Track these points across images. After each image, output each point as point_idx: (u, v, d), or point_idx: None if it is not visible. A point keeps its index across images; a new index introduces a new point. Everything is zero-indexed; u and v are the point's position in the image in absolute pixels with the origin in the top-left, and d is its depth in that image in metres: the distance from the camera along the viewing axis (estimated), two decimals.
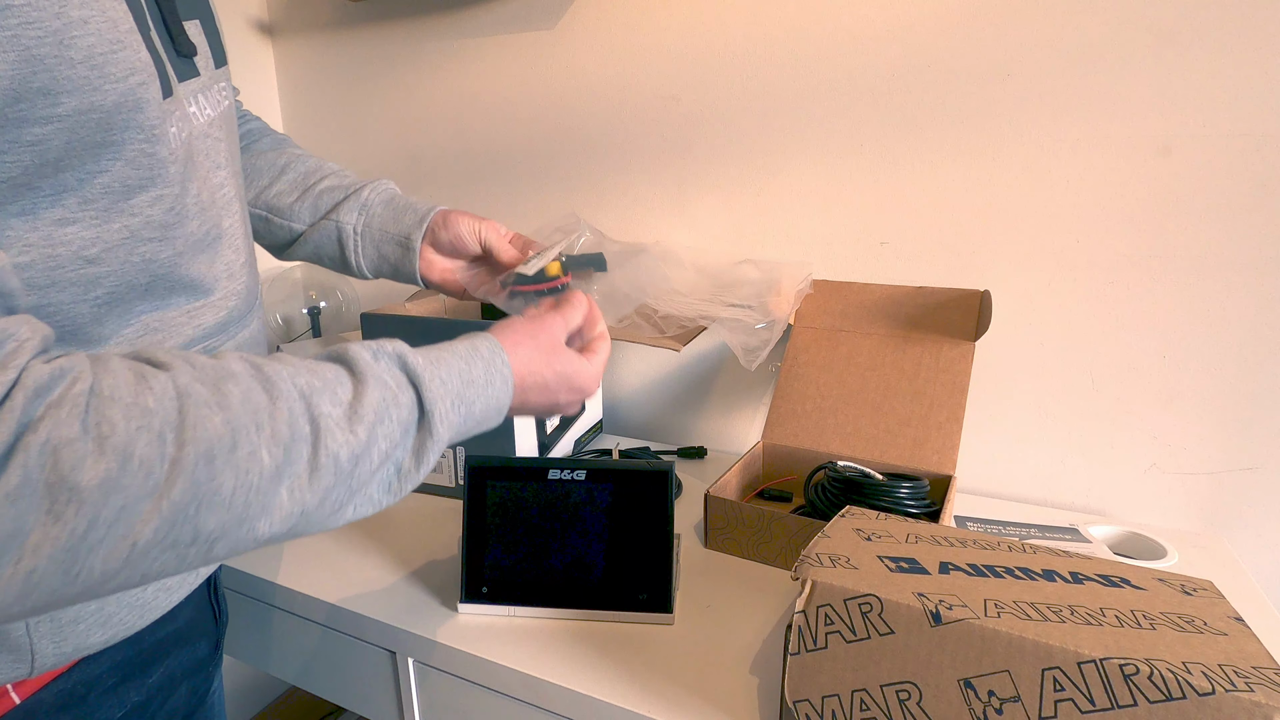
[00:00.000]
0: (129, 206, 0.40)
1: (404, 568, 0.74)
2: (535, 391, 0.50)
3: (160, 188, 0.42)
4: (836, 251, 0.96)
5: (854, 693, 0.45)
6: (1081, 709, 0.38)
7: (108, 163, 0.38)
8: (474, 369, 0.46)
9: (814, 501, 0.76)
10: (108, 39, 0.35)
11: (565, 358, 0.52)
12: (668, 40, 0.99)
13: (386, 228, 0.66)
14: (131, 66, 0.37)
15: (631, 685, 0.56)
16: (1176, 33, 0.75)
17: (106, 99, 0.36)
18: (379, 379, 0.40)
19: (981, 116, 0.84)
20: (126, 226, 0.40)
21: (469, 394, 0.45)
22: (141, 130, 0.39)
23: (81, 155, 0.37)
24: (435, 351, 0.45)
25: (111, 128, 0.37)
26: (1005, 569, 0.48)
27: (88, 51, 0.34)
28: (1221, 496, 0.82)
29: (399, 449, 0.41)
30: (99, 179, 0.38)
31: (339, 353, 0.41)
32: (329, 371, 0.39)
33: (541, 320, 0.53)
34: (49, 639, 0.43)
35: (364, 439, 0.38)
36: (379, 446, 0.39)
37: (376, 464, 0.39)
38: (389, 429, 0.39)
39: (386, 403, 0.40)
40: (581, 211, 1.11)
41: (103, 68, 0.35)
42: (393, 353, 0.42)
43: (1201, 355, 0.80)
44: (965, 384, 0.81)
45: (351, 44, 1.24)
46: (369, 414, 0.38)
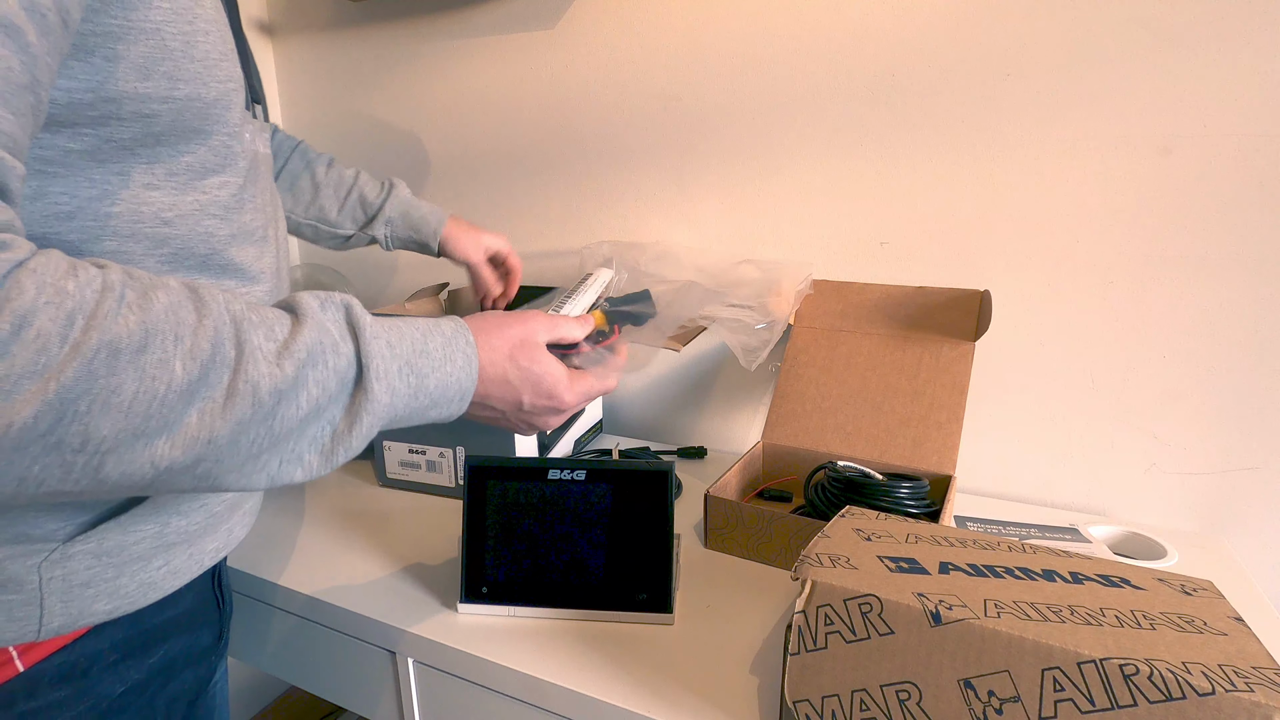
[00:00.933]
0: (202, 185, 0.46)
1: (404, 568, 0.74)
2: (496, 385, 0.48)
3: (229, 175, 0.48)
4: (836, 251, 0.96)
5: (854, 693, 0.45)
6: (1081, 709, 0.38)
7: (196, 146, 0.45)
8: (431, 341, 0.44)
9: (814, 501, 0.76)
10: (219, 50, 0.44)
11: (537, 356, 0.50)
12: (668, 40, 0.99)
13: (411, 238, 0.89)
14: (230, 75, 0.45)
15: (631, 685, 0.56)
16: (1176, 33, 0.75)
17: (210, 93, 0.44)
18: (319, 323, 0.39)
19: (981, 116, 0.84)
20: (197, 201, 0.46)
21: (421, 364, 0.43)
22: (227, 125, 0.46)
23: (179, 135, 0.44)
24: (394, 319, 0.44)
25: (207, 119, 0.44)
26: (1005, 569, 0.47)
27: (205, 53, 0.43)
28: (1221, 496, 0.82)
29: (334, 404, 0.39)
30: (185, 158, 0.45)
31: (286, 299, 0.41)
32: (271, 312, 0.39)
33: (523, 314, 0.52)
34: (59, 596, 0.44)
35: (290, 375, 0.37)
36: (308, 392, 0.38)
37: (305, 411, 0.38)
38: (322, 375, 0.38)
39: (324, 347, 0.39)
40: (581, 211, 1.12)
41: (213, 69, 0.43)
42: (340, 302, 0.42)
43: (1201, 355, 0.80)
44: (965, 384, 0.81)
45: (351, 44, 1.24)
46: (300, 352, 0.37)
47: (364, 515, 0.86)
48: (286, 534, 0.82)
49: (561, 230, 1.14)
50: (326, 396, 0.39)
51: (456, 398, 0.46)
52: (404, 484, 0.92)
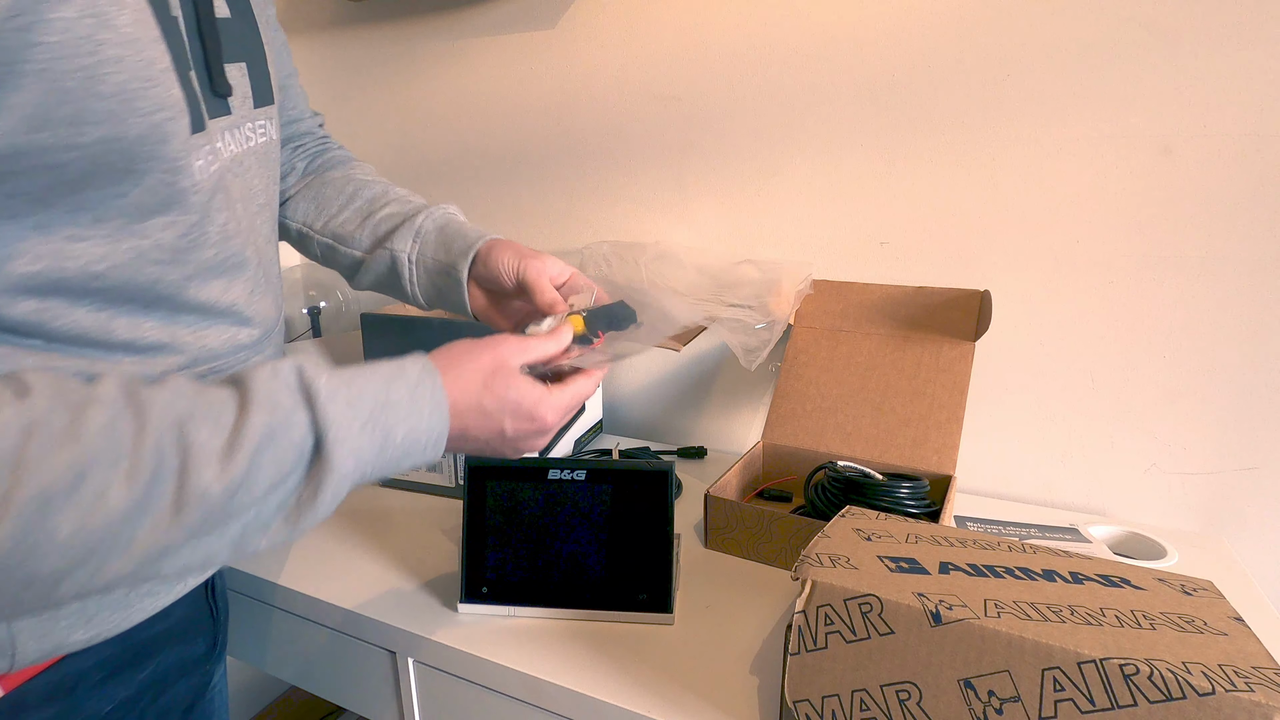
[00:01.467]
0: (141, 229, 0.42)
1: (404, 568, 0.74)
2: (473, 416, 0.46)
3: (176, 214, 0.43)
4: (836, 251, 0.96)
5: (854, 693, 0.45)
6: (1081, 709, 0.38)
7: (127, 188, 0.40)
8: (394, 391, 0.42)
9: (814, 501, 0.76)
10: (141, 75, 0.37)
11: (512, 382, 0.47)
12: (668, 40, 0.99)
13: (438, 256, 0.63)
14: (160, 103, 0.39)
15: (631, 685, 0.56)
16: (1176, 33, 0.75)
17: (131, 131, 0.38)
18: (269, 400, 0.37)
19: (981, 116, 0.84)
20: (135, 247, 0.42)
21: (386, 418, 0.41)
22: (164, 161, 0.40)
23: (102, 180, 0.39)
24: (352, 372, 0.42)
25: (134, 158, 0.39)
26: (1005, 569, 0.47)
27: (119, 87, 0.36)
28: (1221, 496, 0.82)
29: (292, 476, 0.38)
30: (116, 201, 0.40)
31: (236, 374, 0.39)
32: (218, 396, 0.37)
33: (492, 340, 0.49)
34: (30, 634, 0.43)
35: (241, 470, 0.35)
36: (264, 474, 0.36)
37: (263, 490, 0.37)
38: (277, 454, 0.37)
39: (273, 427, 0.37)
40: (581, 211, 1.12)
41: (132, 103, 0.37)
42: (292, 368, 0.39)
43: (1201, 355, 0.80)
44: (965, 384, 0.81)
45: (351, 44, 1.24)
46: (250, 441, 0.36)
47: (364, 515, 0.86)
48: None
49: (561, 230, 1.14)
50: (284, 471, 0.37)
51: (429, 444, 0.44)
52: (404, 484, 0.93)
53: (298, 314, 1.23)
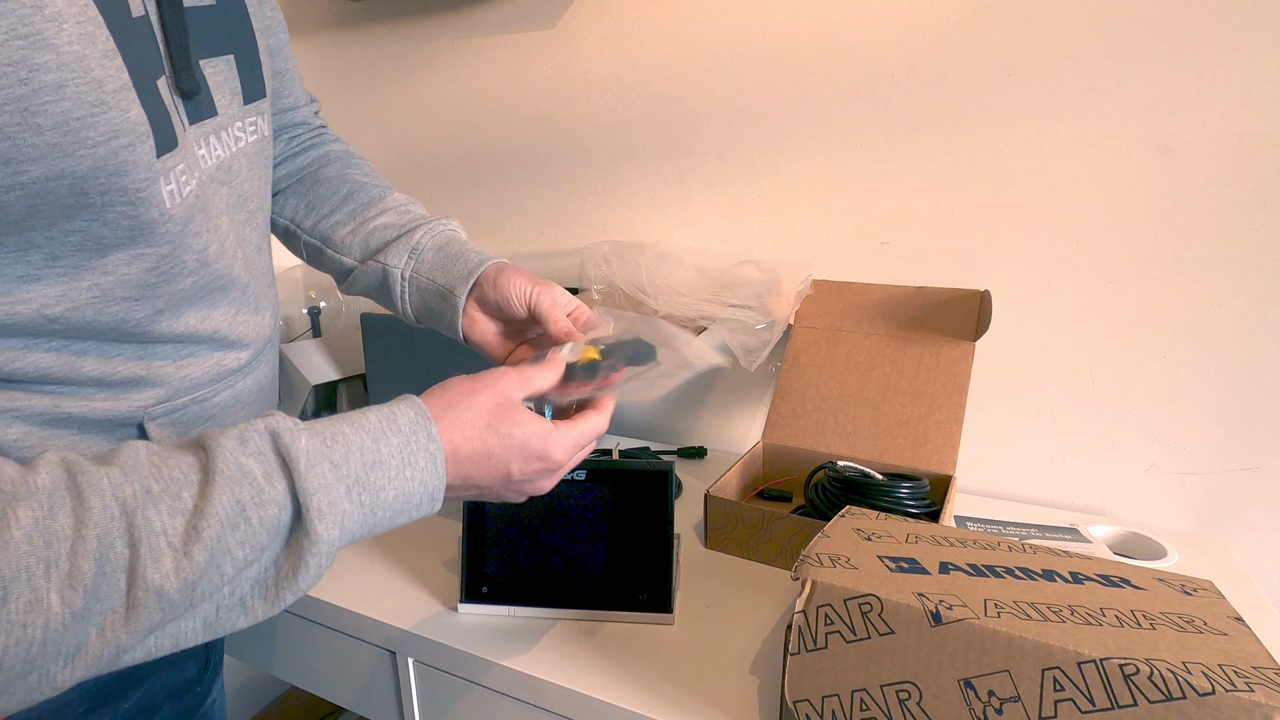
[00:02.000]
0: (102, 265, 0.38)
1: (404, 568, 0.74)
2: (476, 464, 0.42)
3: (142, 247, 0.39)
4: (836, 251, 0.96)
5: (854, 693, 0.45)
6: (1081, 709, 0.38)
7: (83, 223, 0.36)
8: (385, 447, 0.38)
9: (814, 501, 0.76)
10: (88, 102, 0.33)
11: (517, 419, 0.43)
12: (668, 40, 0.99)
13: (434, 277, 0.59)
14: (115, 129, 0.34)
15: (631, 685, 0.56)
16: (1176, 33, 0.75)
17: (80, 165, 0.34)
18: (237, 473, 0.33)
19: (981, 116, 0.84)
20: (97, 285, 0.38)
21: (375, 478, 0.37)
22: (124, 193, 0.36)
23: (51, 216, 0.35)
24: (336, 426, 0.38)
25: (87, 192, 0.35)
26: (1005, 569, 0.47)
27: (60, 118, 0.32)
28: (1221, 496, 0.82)
29: (268, 551, 0.34)
30: (71, 238, 0.36)
31: (202, 438, 0.35)
32: (179, 468, 0.33)
33: (490, 376, 0.45)
34: None
35: (204, 559, 0.31)
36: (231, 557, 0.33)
37: (234, 573, 0.33)
38: (248, 535, 0.33)
39: (243, 504, 0.33)
40: (581, 211, 1.12)
41: (78, 133, 0.33)
42: (266, 431, 0.35)
43: (1201, 355, 0.80)
44: (965, 384, 0.81)
45: (351, 44, 1.24)
46: (214, 523, 0.32)
47: None
48: None
49: (561, 230, 1.14)
50: (258, 549, 0.34)
51: (424, 501, 0.40)
52: None
53: (298, 314, 1.23)
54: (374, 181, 0.66)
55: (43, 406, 0.40)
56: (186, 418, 0.46)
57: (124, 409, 0.43)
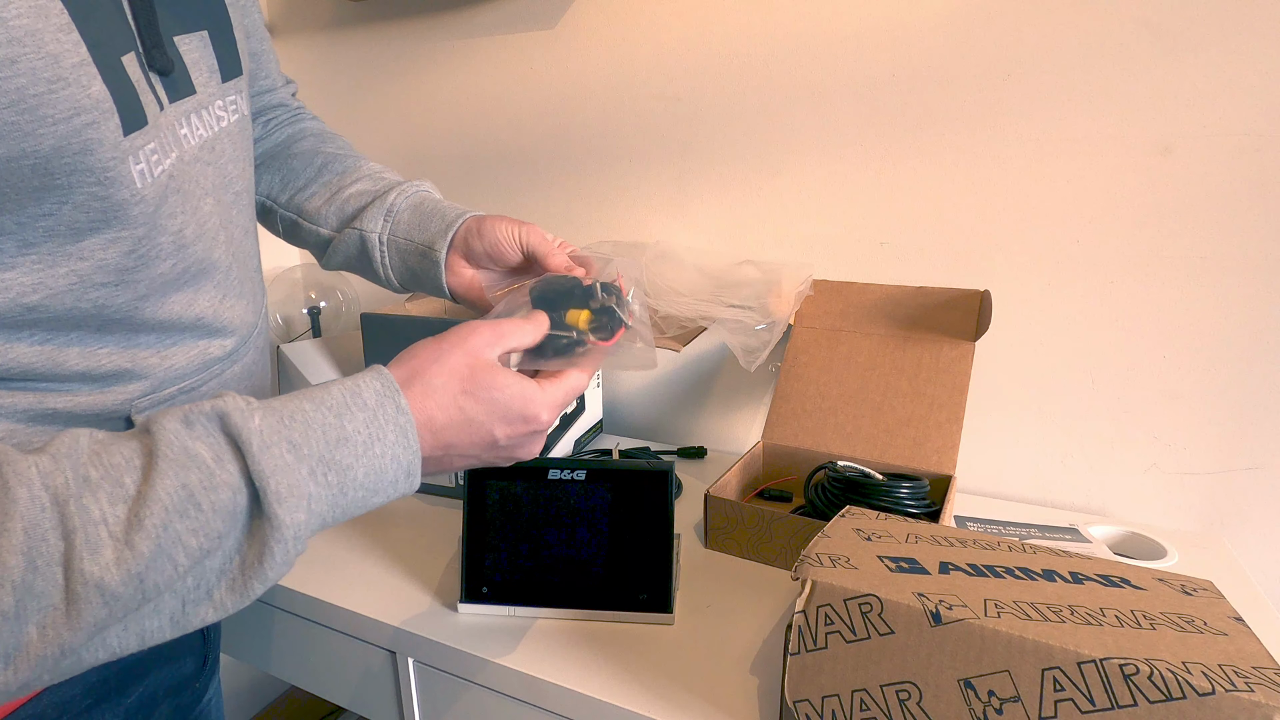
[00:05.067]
0: (78, 250, 0.37)
1: (404, 568, 0.74)
2: (455, 432, 0.40)
3: (117, 230, 0.38)
4: (836, 251, 0.96)
5: (854, 693, 0.45)
6: (1081, 709, 0.38)
7: (52, 206, 0.35)
8: (349, 422, 0.36)
9: (814, 501, 0.76)
10: (44, 78, 0.32)
11: (495, 380, 0.41)
12: (668, 40, 0.99)
13: (411, 235, 0.58)
14: (76, 106, 0.33)
15: (631, 685, 0.56)
16: (1176, 33, 0.75)
17: (42, 144, 0.33)
18: (182, 455, 0.31)
19: (981, 116, 0.84)
20: (74, 271, 0.37)
21: (342, 457, 0.35)
22: (91, 173, 0.35)
23: (18, 200, 0.34)
24: (295, 403, 0.36)
25: (52, 173, 0.34)
26: (1005, 569, 0.47)
27: (15, 95, 0.31)
28: (1221, 496, 0.82)
29: (227, 539, 0.32)
30: (42, 222, 0.35)
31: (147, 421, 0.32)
32: (120, 453, 0.31)
33: (458, 334, 0.42)
34: None
35: (148, 550, 0.29)
36: (184, 546, 0.30)
37: (190, 563, 0.31)
38: (200, 522, 0.31)
39: (190, 489, 0.31)
40: (582, 211, 1.12)
41: (35, 110, 0.32)
42: (213, 412, 0.33)
43: (1201, 355, 0.80)
44: (965, 384, 0.81)
45: (351, 44, 1.24)
46: (157, 510, 0.30)
47: (364, 515, 0.86)
48: None
49: (561, 230, 1.14)
50: (212, 538, 0.31)
51: (400, 478, 0.38)
52: None
53: (298, 314, 1.23)
54: (348, 153, 0.65)
55: (26, 403, 0.39)
56: None
57: (110, 403, 0.42)
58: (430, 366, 0.40)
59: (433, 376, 0.40)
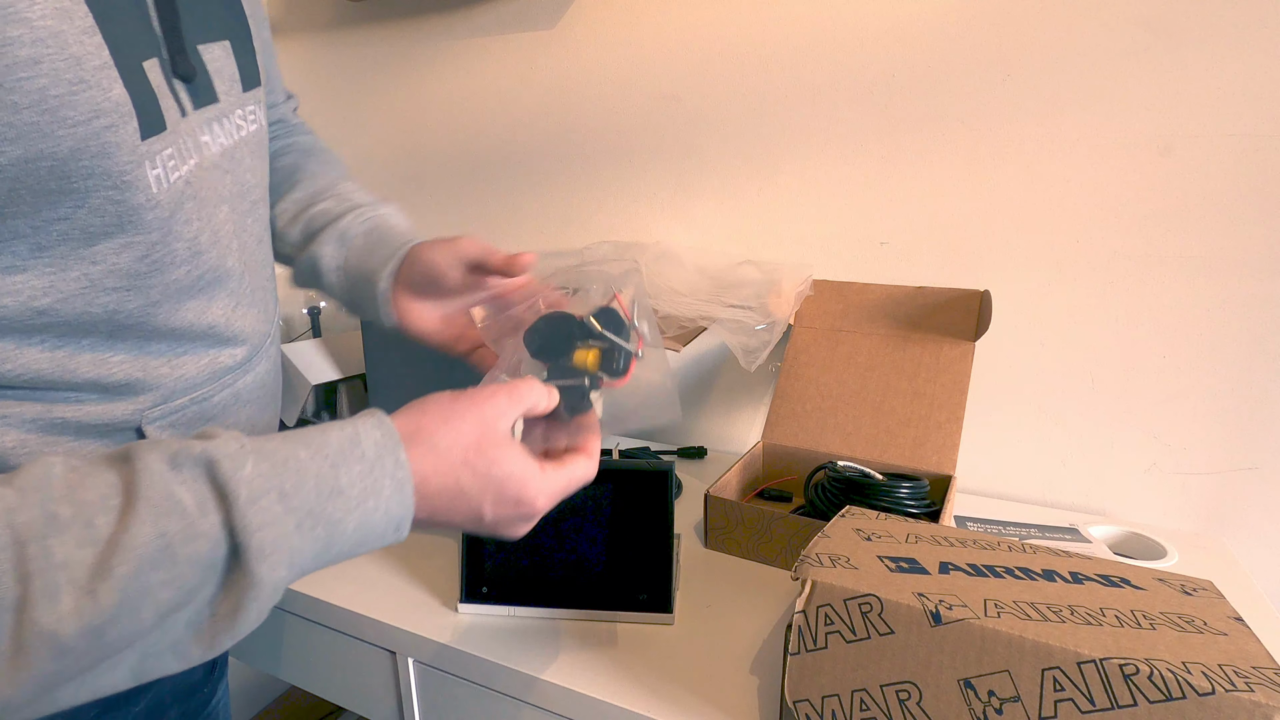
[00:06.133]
0: (90, 254, 0.36)
1: (404, 568, 0.74)
2: (446, 499, 0.37)
3: (130, 235, 0.37)
4: (836, 251, 0.96)
5: (854, 693, 0.45)
6: (1081, 709, 0.38)
7: (68, 210, 0.34)
8: (345, 475, 0.33)
9: (814, 501, 0.76)
10: (66, 79, 0.32)
11: (499, 456, 0.38)
12: (668, 40, 0.99)
13: (360, 263, 0.55)
14: (96, 108, 0.33)
15: (631, 685, 0.56)
16: (1176, 33, 0.75)
17: (61, 146, 0.32)
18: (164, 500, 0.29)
19: (981, 116, 0.84)
20: (86, 275, 0.36)
21: (332, 509, 0.33)
22: (108, 177, 0.35)
23: (34, 203, 0.33)
24: (290, 447, 0.33)
25: (69, 175, 0.33)
26: (1005, 569, 0.47)
27: (38, 95, 0.31)
28: (1221, 496, 0.82)
29: (201, 592, 0.30)
30: (56, 226, 0.35)
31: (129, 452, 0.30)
32: (96, 489, 0.29)
33: (473, 398, 0.39)
34: None
35: (111, 603, 0.27)
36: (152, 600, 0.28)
37: (154, 618, 0.28)
38: (174, 574, 0.28)
39: (168, 538, 0.28)
40: (582, 212, 1.12)
41: (56, 111, 0.32)
42: (201, 456, 0.30)
43: (1201, 355, 0.80)
44: (965, 384, 0.81)
45: (351, 44, 1.24)
46: (128, 560, 0.27)
47: None
48: None
49: (561, 230, 1.14)
50: (186, 592, 0.29)
51: (388, 531, 0.35)
52: None
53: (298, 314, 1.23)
54: (327, 171, 0.63)
55: (34, 413, 0.38)
56: (186, 419, 0.45)
57: (120, 413, 0.42)
58: (439, 427, 0.38)
59: (439, 439, 0.37)
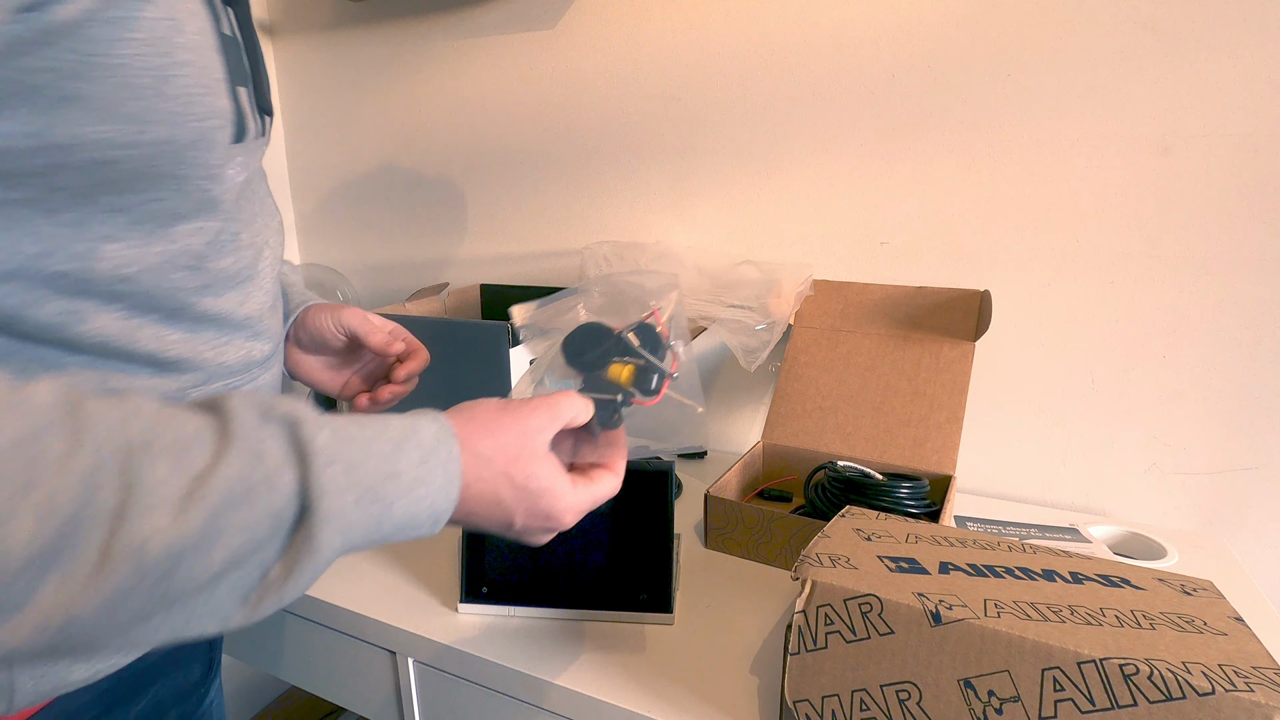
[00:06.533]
0: (170, 234, 0.42)
1: (404, 568, 0.74)
2: (481, 504, 0.39)
3: (204, 220, 0.43)
4: (836, 251, 0.96)
5: (854, 693, 0.45)
6: (1081, 709, 0.38)
7: (167, 192, 0.40)
8: (404, 458, 0.35)
9: (814, 501, 0.76)
10: (201, 83, 0.39)
11: (535, 471, 0.40)
12: (668, 40, 0.99)
13: None
14: (213, 110, 0.40)
15: (631, 685, 0.56)
16: (1176, 33, 0.75)
17: (186, 135, 0.39)
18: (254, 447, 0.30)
19: (981, 116, 0.84)
20: (164, 251, 0.41)
21: (388, 490, 0.34)
22: (205, 168, 0.41)
23: (147, 181, 0.39)
24: (355, 426, 0.35)
25: (181, 162, 0.40)
26: (1005, 569, 0.47)
27: (183, 90, 0.38)
28: (1221, 496, 0.82)
29: (263, 549, 0.30)
30: (152, 205, 0.40)
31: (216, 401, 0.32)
32: (192, 424, 0.30)
33: (518, 411, 0.41)
34: (29, 674, 0.40)
35: (197, 528, 0.28)
36: (225, 541, 0.29)
37: (220, 566, 0.29)
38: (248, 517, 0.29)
39: (253, 483, 0.30)
40: (582, 212, 1.12)
41: (191, 107, 0.39)
42: (289, 415, 0.32)
43: (1201, 355, 0.80)
44: (965, 384, 0.81)
45: (351, 44, 1.24)
46: (215, 494, 0.28)
47: None
48: None
49: (561, 230, 1.14)
50: (254, 544, 0.30)
51: (425, 523, 0.36)
52: None
53: None
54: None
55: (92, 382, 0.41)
56: None
57: (166, 389, 0.44)
58: (485, 436, 0.40)
59: (483, 446, 0.39)
